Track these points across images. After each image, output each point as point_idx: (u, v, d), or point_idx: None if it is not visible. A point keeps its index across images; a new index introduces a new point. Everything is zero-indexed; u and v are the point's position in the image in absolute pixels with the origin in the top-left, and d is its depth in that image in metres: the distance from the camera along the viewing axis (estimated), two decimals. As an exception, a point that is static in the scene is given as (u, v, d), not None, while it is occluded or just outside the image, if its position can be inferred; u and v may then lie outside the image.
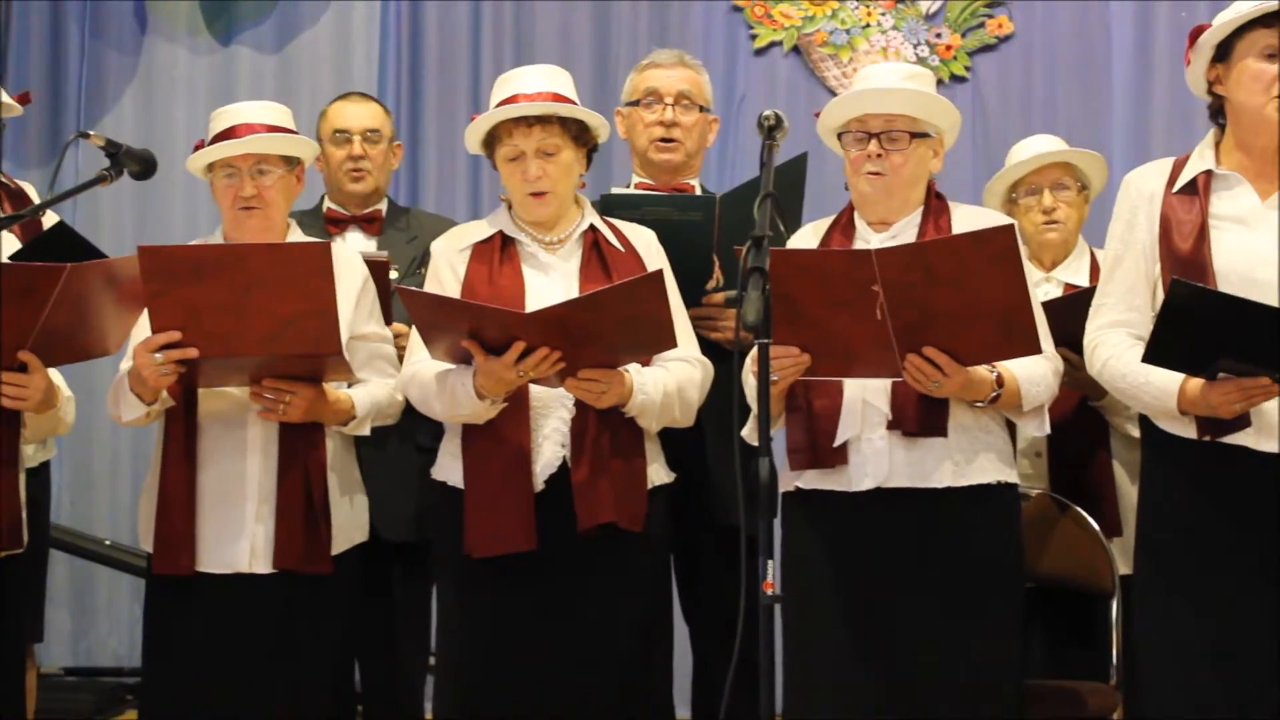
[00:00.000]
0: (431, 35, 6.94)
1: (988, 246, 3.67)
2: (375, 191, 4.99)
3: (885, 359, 3.77)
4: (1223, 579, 3.74)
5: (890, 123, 3.99)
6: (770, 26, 6.82)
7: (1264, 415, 3.73)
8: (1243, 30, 3.79)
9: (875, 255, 3.68)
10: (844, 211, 4.12)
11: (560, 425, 4.06)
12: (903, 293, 3.67)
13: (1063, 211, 4.65)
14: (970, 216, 4.06)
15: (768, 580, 3.27)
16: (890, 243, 3.98)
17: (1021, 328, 3.73)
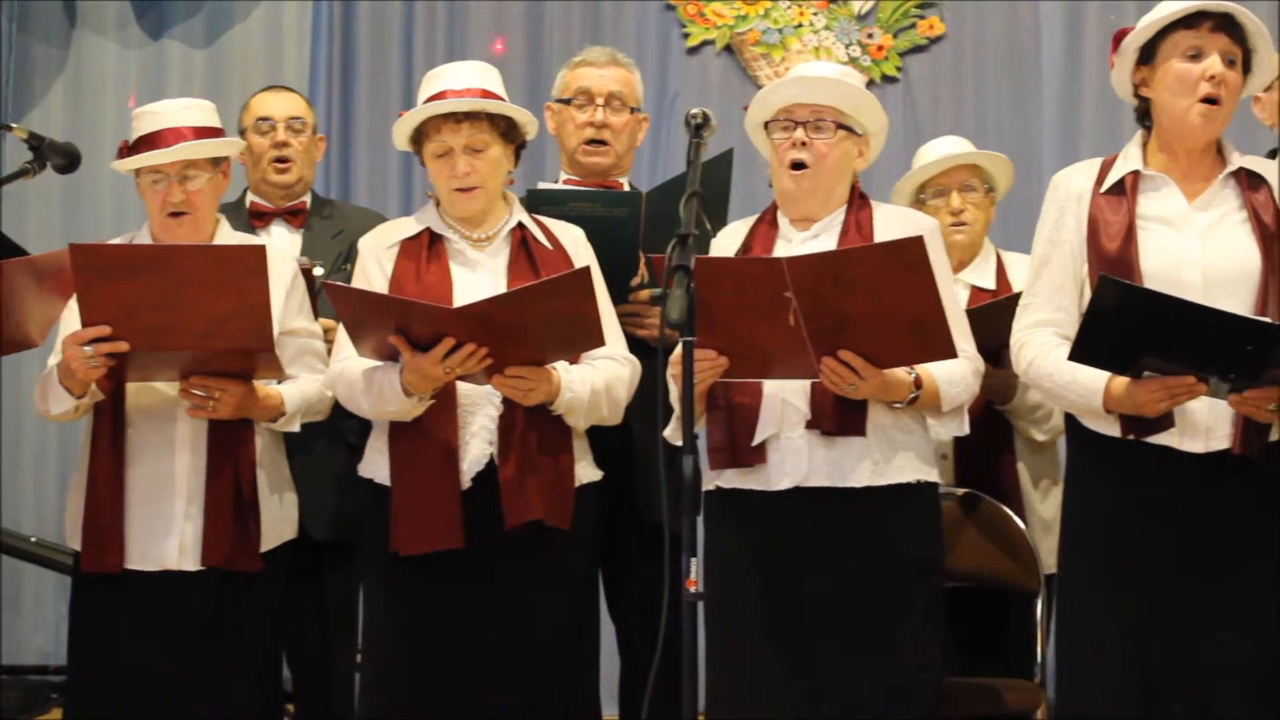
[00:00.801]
0: (363, 30, 6.92)
1: (899, 256, 3.69)
2: (300, 182, 4.96)
3: (802, 361, 3.79)
4: (1146, 579, 3.77)
5: (818, 113, 3.99)
6: (703, 25, 6.83)
7: (1188, 415, 3.76)
8: (1166, 32, 3.82)
9: (786, 264, 3.69)
10: (768, 210, 4.12)
11: (488, 422, 4.06)
12: (815, 299, 3.69)
13: (970, 213, 4.66)
14: (892, 216, 4.07)
15: (691, 578, 3.27)
16: (812, 242, 4.00)
17: (936, 333, 3.75)
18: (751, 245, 4.04)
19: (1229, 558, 3.76)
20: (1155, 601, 3.76)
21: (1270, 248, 3.78)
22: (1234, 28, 3.82)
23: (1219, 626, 3.74)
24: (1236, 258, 3.78)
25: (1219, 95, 3.79)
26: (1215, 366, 3.64)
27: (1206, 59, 3.79)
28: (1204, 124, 3.80)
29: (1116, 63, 3.91)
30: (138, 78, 6.95)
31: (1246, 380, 3.65)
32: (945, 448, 4.54)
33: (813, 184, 4.00)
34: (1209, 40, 3.80)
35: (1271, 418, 3.73)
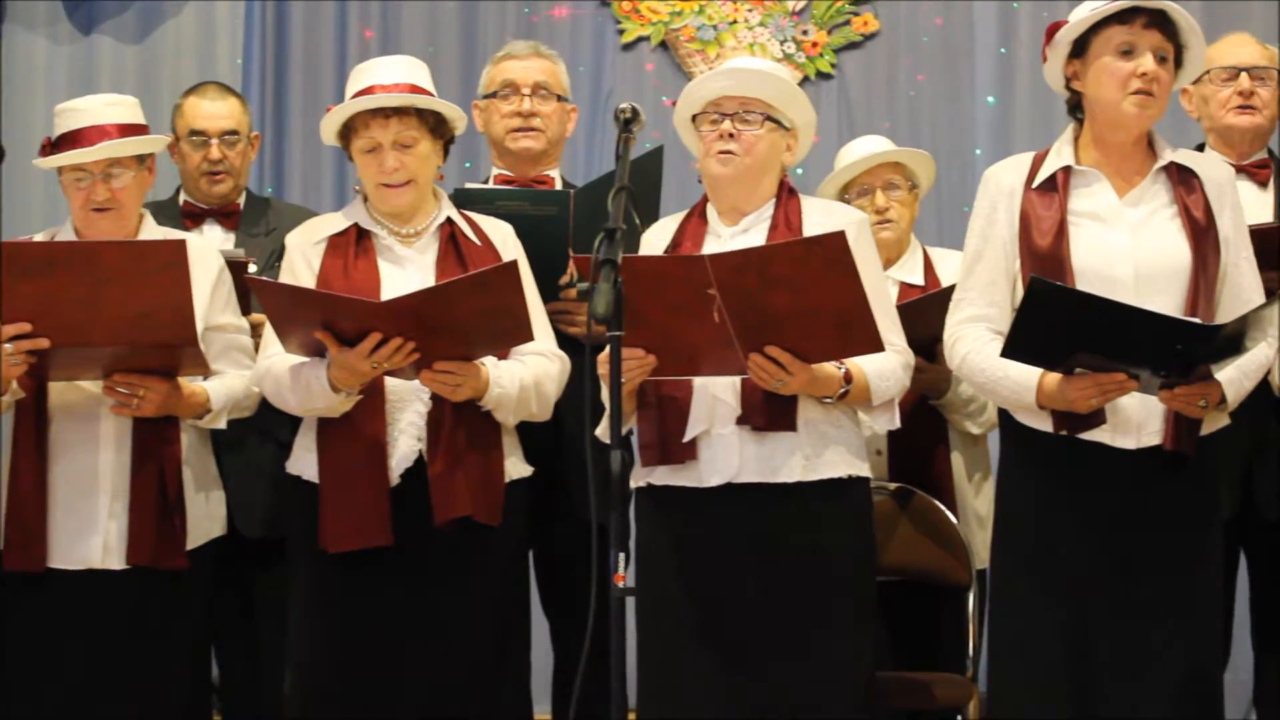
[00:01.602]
0: (297, 26, 6.86)
1: (821, 251, 3.68)
2: (234, 189, 4.92)
3: (730, 358, 3.78)
4: (1078, 575, 3.78)
5: (746, 105, 3.97)
6: (638, 21, 6.81)
7: (1120, 411, 3.77)
8: (1099, 27, 3.83)
9: (709, 261, 3.68)
10: (697, 205, 4.10)
11: (416, 418, 4.04)
12: (740, 296, 3.68)
13: (895, 211, 4.66)
14: (821, 210, 4.06)
15: (619, 573, 3.25)
16: (742, 236, 3.99)
17: (861, 327, 3.74)
18: (681, 241, 4.02)
19: (1161, 554, 3.78)
20: (1087, 597, 3.78)
21: (1200, 243, 3.80)
22: (1167, 24, 3.83)
23: (1151, 623, 3.76)
24: (1167, 254, 3.80)
25: (1151, 91, 3.79)
26: (1146, 364, 3.65)
27: (1139, 55, 3.80)
28: (1137, 114, 3.81)
29: (1049, 55, 3.92)
30: (68, 73, 6.88)
31: (1177, 377, 3.67)
32: (880, 442, 4.53)
33: (741, 171, 3.98)
34: (1142, 36, 3.80)
35: (1202, 413, 3.75)
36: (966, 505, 4.54)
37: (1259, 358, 3.81)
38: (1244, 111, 4.65)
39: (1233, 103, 4.64)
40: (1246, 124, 4.65)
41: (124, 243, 4.06)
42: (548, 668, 4.70)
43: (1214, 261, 3.81)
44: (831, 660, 3.86)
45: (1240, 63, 4.66)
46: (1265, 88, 4.66)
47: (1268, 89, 4.67)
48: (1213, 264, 3.80)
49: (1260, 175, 4.68)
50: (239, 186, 4.93)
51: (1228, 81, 4.66)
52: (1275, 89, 4.69)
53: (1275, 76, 4.69)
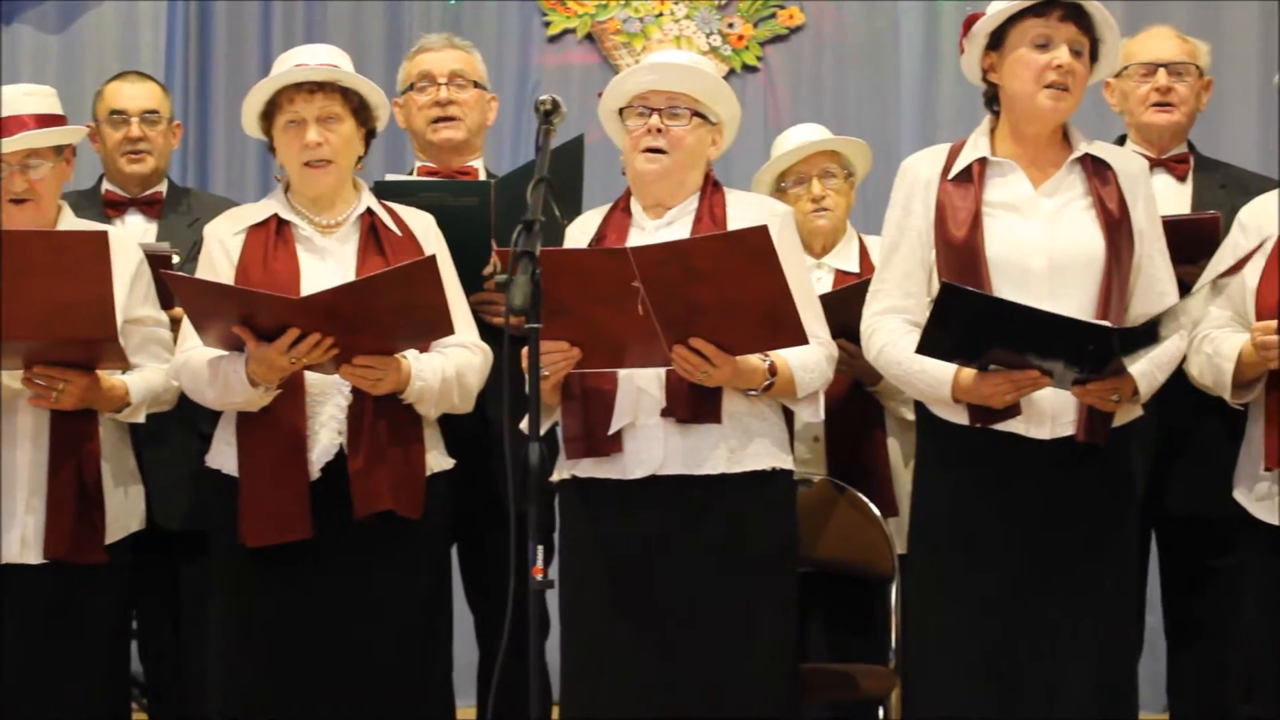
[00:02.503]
0: (221, 17, 6.84)
1: (743, 245, 3.69)
2: (155, 172, 4.90)
3: (654, 350, 3.78)
4: (994, 565, 3.81)
5: (674, 100, 3.97)
6: (564, 14, 6.82)
7: (1034, 403, 3.80)
8: (1015, 19, 3.85)
9: (632, 254, 3.68)
10: (621, 198, 4.10)
11: (337, 412, 4.02)
12: (664, 289, 3.68)
13: (831, 199, 4.67)
14: (746, 203, 4.06)
15: (537, 565, 3.25)
16: (666, 229, 3.99)
17: (785, 320, 3.75)
18: (605, 234, 4.02)
19: (1076, 542, 3.82)
20: (1004, 586, 3.80)
21: (1114, 235, 3.83)
22: (1082, 18, 3.85)
23: (1067, 611, 3.79)
24: (1081, 245, 3.82)
25: (1066, 84, 3.82)
26: (1059, 360, 3.69)
27: (1054, 48, 3.82)
28: (1052, 107, 3.83)
29: (966, 47, 3.94)
30: (-11, 63, 6.83)
31: (1090, 372, 3.70)
32: (817, 429, 4.54)
33: (668, 168, 3.98)
34: (1058, 29, 3.83)
35: (1114, 407, 3.79)
36: (904, 491, 4.54)
37: (1171, 349, 3.85)
38: (1161, 109, 4.67)
39: (1150, 99, 4.67)
40: (1163, 122, 4.68)
41: (46, 233, 4.03)
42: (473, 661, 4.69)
43: (1127, 253, 3.84)
44: (754, 652, 3.87)
45: (1158, 58, 4.68)
46: (1183, 83, 4.68)
47: (1186, 84, 4.69)
48: (1126, 255, 3.83)
49: (1179, 169, 4.71)
50: (159, 170, 4.91)
51: (1146, 77, 4.68)
52: (1195, 83, 4.71)
53: (1195, 71, 4.71)
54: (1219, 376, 3.91)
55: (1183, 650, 4.67)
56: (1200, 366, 3.96)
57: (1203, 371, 3.96)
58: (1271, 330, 3.76)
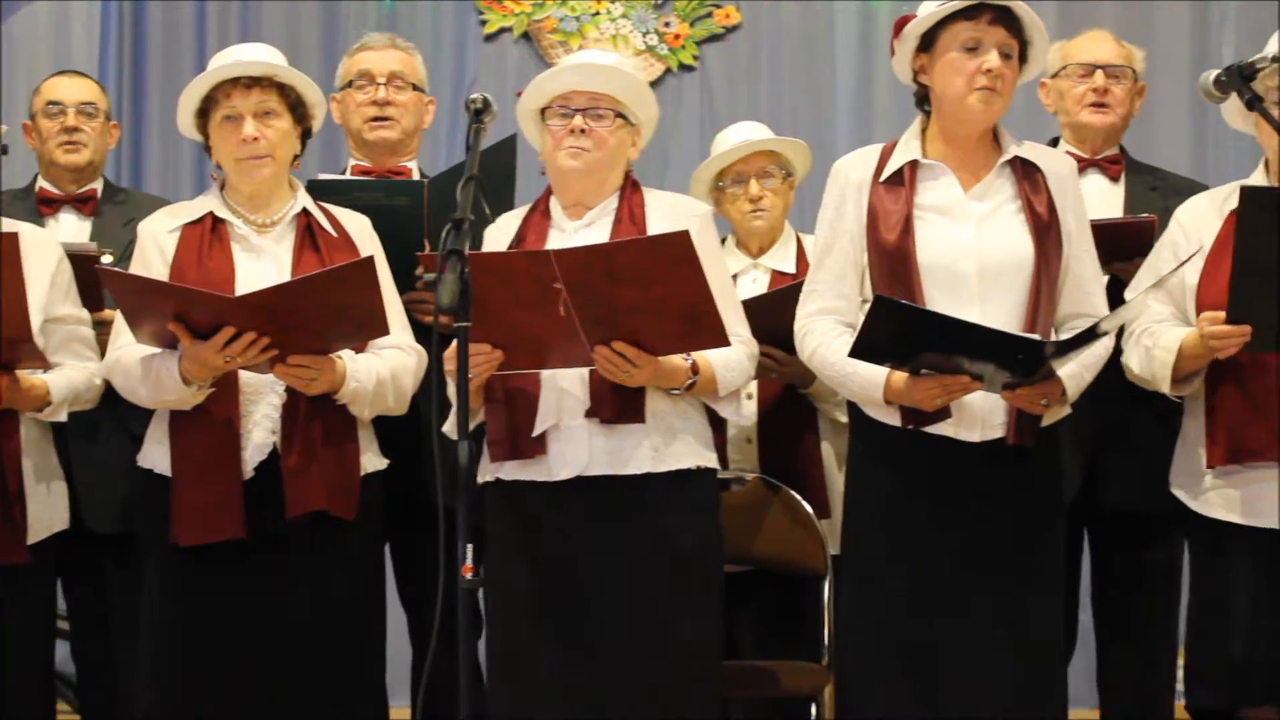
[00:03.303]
0: (155, 22, 6.81)
1: (666, 250, 3.70)
2: (90, 167, 4.87)
3: (576, 350, 3.79)
4: (925, 565, 3.84)
5: (596, 100, 3.98)
6: (500, 12, 6.81)
7: (965, 406, 3.83)
8: (945, 22, 3.87)
9: (555, 256, 3.69)
10: (540, 199, 4.10)
11: (271, 411, 4.01)
12: (586, 291, 3.69)
13: (769, 199, 4.67)
14: (664, 202, 4.07)
15: (467, 564, 3.25)
16: (586, 230, 3.99)
17: (707, 323, 3.77)
18: (525, 236, 4.02)
19: (1005, 542, 3.85)
20: (933, 586, 3.84)
21: (1043, 238, 3.86)
22: (1012, 20, 3.87)
23: (995, 610, 3.82)
24: (1010, 248, 3.85)
25: (995, 87, 3.84)
26: (989, 366, 3.72)
27: (984, 51, 3.84)
28: (982, 109, 3.86)
29: (898, 49, 3.96)
30: (-83, 59, 6.77)
31: (1019, 378, 3.74)
32: (750, 431, 4.57)
33: (591, 165, 3.98)
34: (987, 33, 3.85)
35: (1044, 410, 3.82)
36: (837, 492, 4.56)
37: (1098, 350, 3.88)
38: (1097, 110, 4.71)
39: (1087, 99, 4.71)
40: (1099, 123, 4.72)
41: None
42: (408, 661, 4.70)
43: (1056, 256, 3.87)
44: (678, 651, 3.88)
45: (1097, 60, 4.73)
46: (1120, 86, 4.73)
47: (1122, 87, 4.73)
48: (1055, 259, 3.87)
49: (1112, 170, 4.75)
50: (95, 165, 4.89)
51: (1084, 78, 4.72)
52: (1130, 87, 4.76)
53: (1131, 75, 4.76)
54: (1159, 369, 3.94)
55: (1113, 645, 4.71)
56: (1140, 359, 3.99)
57: (1142, 365, 3.99)
58: (1220, 320, 3.79)
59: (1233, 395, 3.92)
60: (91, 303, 4.27)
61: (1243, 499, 3.92)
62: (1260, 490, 3.90)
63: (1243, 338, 3.78)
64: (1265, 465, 3.89)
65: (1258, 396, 3.89)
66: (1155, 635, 4.67)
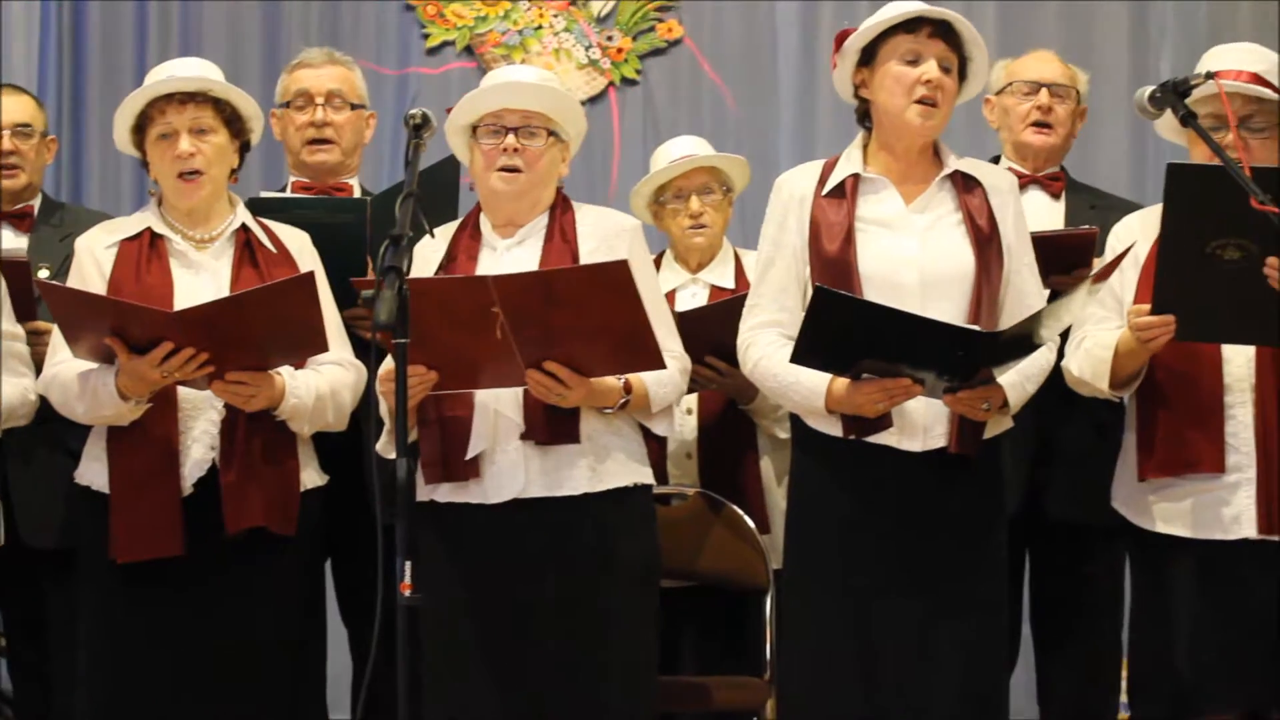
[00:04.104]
0: (94, 28, 6.76)
1: (603, 278, 3.71)
2: (27, 188, 4.83)
3: (510, 370, 3.79)
4: (868, 576, 3.84)
5: (528, 118, 3.98)
6: (443, 26, 6.80)
7: (906, 415, 3.83)
8: (885, 36, 3.88)
9: (493, 282, 3.69)
10: (469, 217, 4.09)
11: (210, 427, 3.99)
12: (523, 314, 3.69)
13: (709, 215, 4.67)
14: (594, 218, 4.06)
15: (405, 581, 3.25)
16: (517, 248, 3.99)
17: (643, 348, 3.78)
18: (455, 255, 4.01)
19: (947, 554, 3.85)
20: (875, 598, 3.83)
21: (983, 250, 3.87)
22: (951, 35, 3.89)
23: (937, 623, 3.82)
24: (951, 260, 3.86)
25: (935, 99, 3.86)
26: (930, 368, 3.72)
27: (924, 64, 3.86)
28: (921, 124, 3.87)
29: (838, 64, 3.97)
30: None
31: (961, 381, 3.74)
32: (690, 447, 4.58)
33: (524, 187, 3.99)
34: (927, 46, 3.87)
35: (985, 416, 3.82)
36: (776, 507, 4.57)
37: (1040, 361, 3.89)
38: (1039, 130, 4.74)
39: (1031, 117, 4.74)
40: (1041, 142, 4.75)
41: None
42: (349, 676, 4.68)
43: (997, 268, 3.88)
44: (618, 668, 3.88)
45: (1042, 78, 4.75)
46: (1063, 105, 4.76)
47: (1065, 107, 4.76)
48: (996, 270, 3.88)
49: (1053, 186, 4.78)
50: (33, 186, 4.84)
51: (1028, 95, 4.75)
52: (1073, 108, 4.79)
53: (1074, 95, 4.79)
54: (1097, 366, 3.95)
55: (1054, 657, 4.73)
56: (1079, 362, 4.01)
57: (1080, 366, 4.00)
58: (1146, 311, 3.81)
59: (1166, 407, 3.94)
60: (23, 312, 4.24)
61: (1182, 511, 3.94)
62: (1201, 502, 3.92)
63: (1166, 328, 3.80)
64: (1203, 477, 3.91)
65: (1193, 408, 3.91)
66: (1096, 647, 4.69)
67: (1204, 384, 3.92)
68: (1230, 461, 3.90)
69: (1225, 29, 6.47)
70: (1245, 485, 3.89)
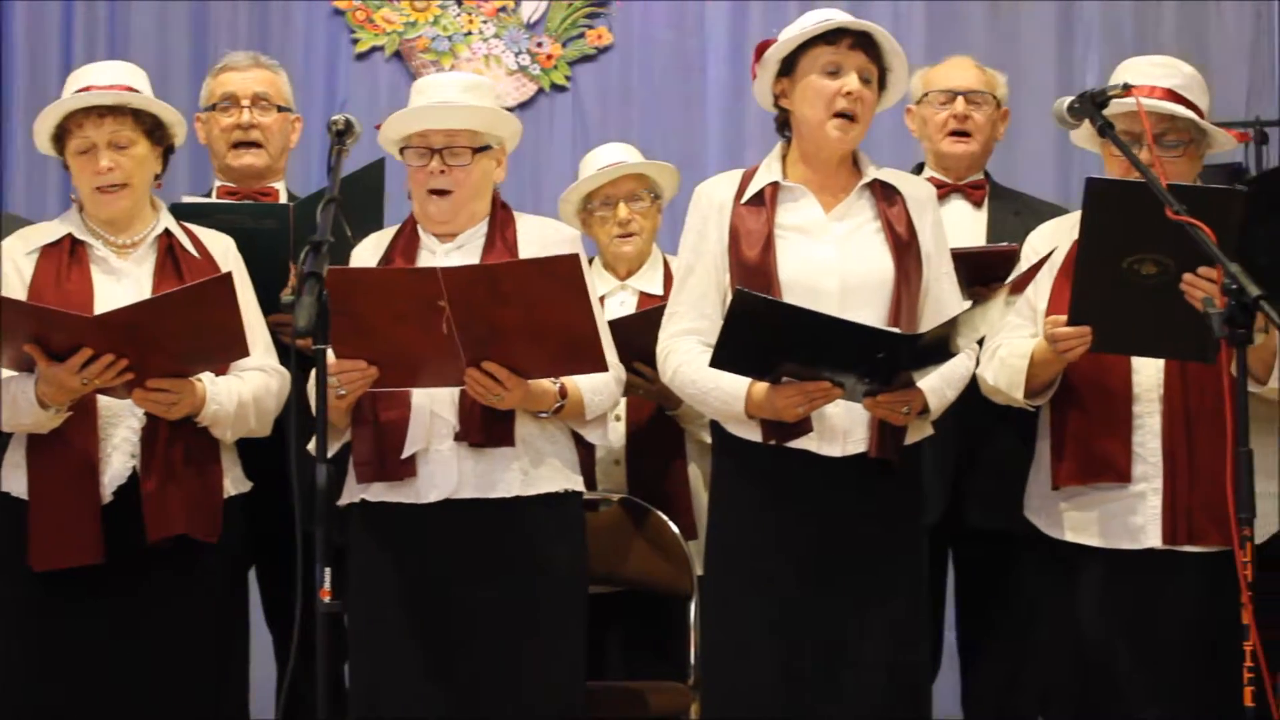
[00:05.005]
0: (20, 30, 6.73)
1: (553, 271, 3.72)
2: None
3: (453, 368, 3.79)
4: (788, 581, 3.85)
5: (453, 138, 3.97)
6: (372, 31, 6.79)
7: (826, 419, 3.85)
8: (806, 46, 3.91)
9: (441, 274, 3.69)
10: (407, 223, 4.10)
11: (130, 435, 3.97)
12: (469, 310, 3.70)
13: (637, 223, 4.68)
14: (534, 225, 4.09)
15: (324, 588, 3.25)
16: (456, 253, 4.00)
17: (587, 347, 3.79)
18: (393, 258, 4.02)
19: (868, 559, 3.87)
20: (798, 603, 3.85)
21: (902, 257, 3.90)
22: (871, 46, 3.92)
23: (857, 628, 3.85)
24: (871, 267, 3.89)
25: (854, 111, 3.88)
26: (850, 372, 3.74)
27: (844, 76, 3.88)
28: (839, 138, 3.90)
29: (759, 73, 4.00)
30: None
31: (880, 384, 3.76)
32: (617, 453, 4.59)
33: (456, 206, 4.00)
34: (847, 57, 3.89)
35: (905, 420, 3.85)
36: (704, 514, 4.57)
37: (959, 369, 3.92)
38: (958, 139, 4.75)
39: (948, 126, 4.75)
40: (959, 151, 4.76)
41: None
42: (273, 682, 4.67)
43: (916, 275, 3.91)
44: (544, 673, 3.90)
45: (956, 86, 4.77)
46: (980, 112, 4.77)
47: (983, 113, 4.78)
48: (915, 277, 3.91)
49: (975, 195, 4.79)
50: None
51: (944, 104, 4.76)
52: (991, 113, 4.80)
53: (992, 101, 4.81)
54: (1012, 375, 3.98)
55: (977, 663, 4.76)
56: (994, 370, 4.03)
57: (996, 376, 4.02)
58: (1062, 322, 3.84)
59: (1077, 415, 3.98)
60: None
61: (1090, 520, 3.98)
62: (1108, 511, 3.96)
63: (1083, 339, 3.83)
64: (1112, 486, 3.95)
65: (1103, 416, 3.95)
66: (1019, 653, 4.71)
67: (1113, 393, 3.95)
68: (1137, 471, 3.94)
69: (1150, 33, 6.55)
70: (1151, 495, 3.93)
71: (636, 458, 4.60)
